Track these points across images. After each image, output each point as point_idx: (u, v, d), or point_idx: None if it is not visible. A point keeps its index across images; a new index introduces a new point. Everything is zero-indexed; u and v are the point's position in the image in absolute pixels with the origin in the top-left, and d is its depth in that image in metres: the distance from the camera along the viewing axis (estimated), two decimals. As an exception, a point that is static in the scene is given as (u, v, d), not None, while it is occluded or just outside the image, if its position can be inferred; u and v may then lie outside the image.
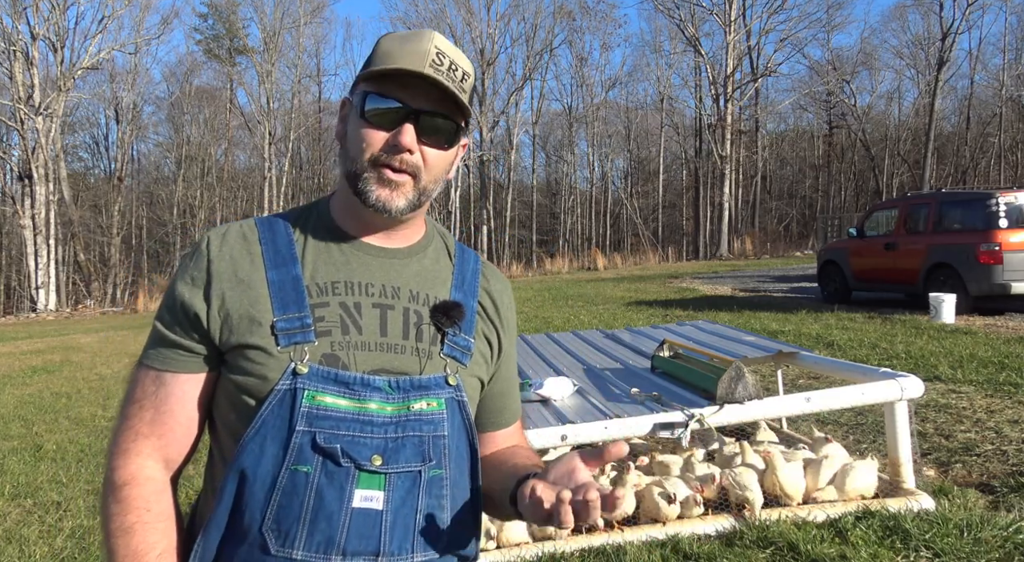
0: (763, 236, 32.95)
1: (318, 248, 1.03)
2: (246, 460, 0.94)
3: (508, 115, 38.09)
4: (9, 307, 31.65)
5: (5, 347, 13.35)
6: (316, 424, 0.93)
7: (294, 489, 0.93)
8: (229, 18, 38.73)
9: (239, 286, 0.98)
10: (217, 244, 1.01)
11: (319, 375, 0.95)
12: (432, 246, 1.12)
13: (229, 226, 1.04)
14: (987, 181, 33.89)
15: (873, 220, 12.03)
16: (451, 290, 1.09)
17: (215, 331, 0.97)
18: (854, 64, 37.82)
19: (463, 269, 1.12)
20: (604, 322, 10.55)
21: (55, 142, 28.05)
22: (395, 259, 1.06)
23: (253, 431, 0.94)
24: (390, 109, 0.98)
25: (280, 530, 0.93)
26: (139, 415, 0.99)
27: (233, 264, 0.99)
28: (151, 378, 1.00)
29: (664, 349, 4.10)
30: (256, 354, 0.95)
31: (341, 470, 0.94)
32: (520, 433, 1.23)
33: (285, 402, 0.94)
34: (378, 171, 0.99)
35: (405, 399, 0.98)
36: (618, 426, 3.18)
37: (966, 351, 7.03)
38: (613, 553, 3.08)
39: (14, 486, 4.72)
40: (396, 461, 0.96)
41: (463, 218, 37.36)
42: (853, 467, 3.43)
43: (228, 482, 0.94)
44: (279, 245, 1.02)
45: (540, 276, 26.54)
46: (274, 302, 0.97)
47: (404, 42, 0.99)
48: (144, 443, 0.99)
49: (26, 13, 27.13)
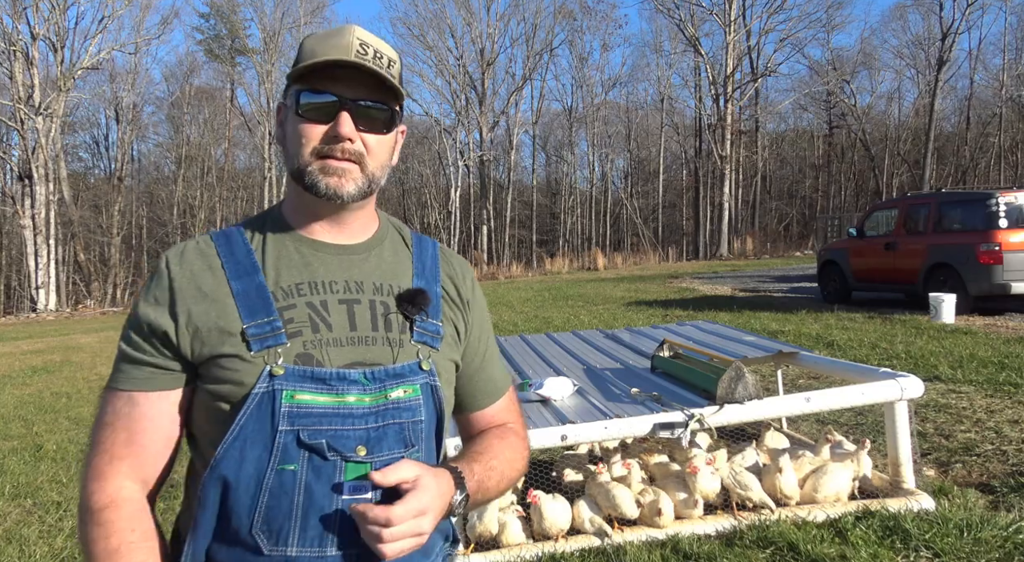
0: (763, 236, 32.95)
1: (277, 254, 1.04)
2: (227, 466, 0.94)
3: (508, 115, 38.12)
4: (9, 307, 31.65)
5: (5, 347, 13.34)
6: (298, 422, 0.95)
7: (282, 488, 0.94)
8: (231, 18, 38.74)
9: (203, 300, 0.99)
10: (176, 262, 1.02)
11: (295, 374, 0.96)
12: (388, 238, 1.14)
13: (186, 244, 1.06)
14: (987, 181, 33.88)
15: (873, 220, 12.03)
16: (413, 278, 1.11)
17: (185, 346, 0.98)
18: (854, 64, 37.84)
19: (422, 257, 1.14)
20: (604, 322, 10.55)
21: (55, 142, 28.04)
22: (354, 255, 1.08)
23: (232, 437, 0.94)
24: (325, 102, 1.00)
25: (271, 530, 0.94)
26: (112, 438, 0.99)
27: (194, 279, 1.00)
28: (123, 400, 0.99)
29: (664, 349, 4.10)
30: (230, 362, 0.97)
31: (328, 464, 0.95)
32: (510, 409, 1.24)
33: (264, 404, 0.95)
34: (322, 162, 1.01)
35: (382, 389, 1.00)
36: (618, 426, 3.18)
37: (966, 351, 7.03)
38: (613, 553, 3.08)
39: (14, 486, 4.72)
40: (380, 449, 0.98)
41: (463, 218, 37.33)
42: (828, 471, 3.42)
43: (210, 490, 0.95)
44: (238, 256, 1.03)
45: (540, 276, 26.54)
46: (241, 311, 0.98)
47: (326, 38, 1.01)
48: (120, 465, 0.98)
49: (26, 13, 27.13)
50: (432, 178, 41.10)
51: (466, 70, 36.41)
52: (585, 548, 3.14)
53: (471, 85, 36.59)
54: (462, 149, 36.10)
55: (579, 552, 3.12)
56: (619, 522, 3.26)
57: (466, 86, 36.36)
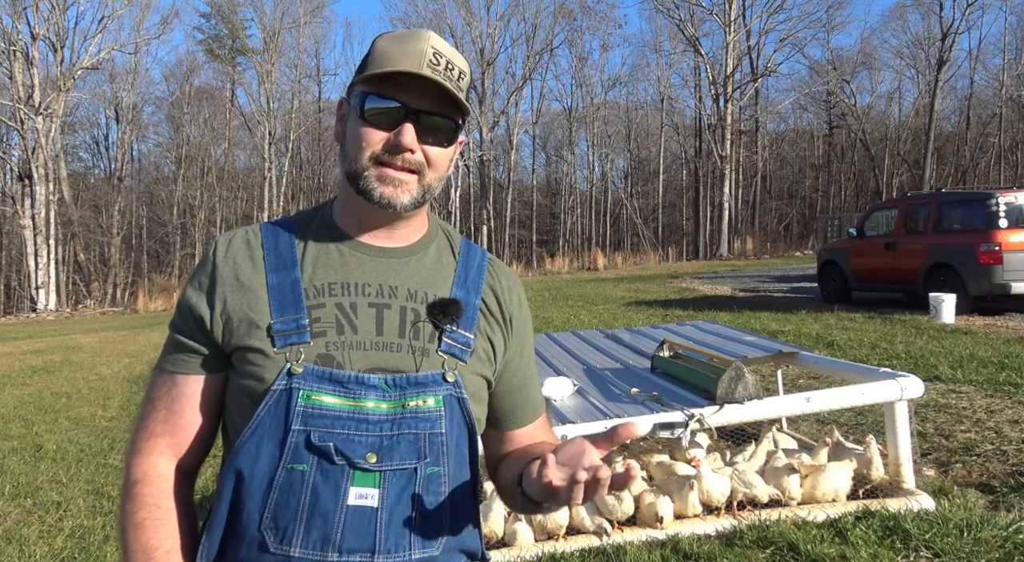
0: (763, 236, 32.95)
1: (318, 251, 1.04)
2: (243, 460, 0.96)
3: (508, 115, 38.10)
4: (9, 307, 31.66)
5: (5, 347, 13.35)
6: (311, 423, 0.94)
7: (291, 487, 0.94)
8: (231, 18, 38.74)
9: (240, 290, 1.01)
10: (223, 250, 1.04)
11: (314, 375, 0.96)
12: (435, 244, 1.11)
13: (236, 231, 1.07)
14: (987, 181, 33.86)
15: (873, 220, 12.03)
16: (452, 287, 1.08)
17: (218, 333, 1.00)
18: (854, 64, 37.85)
19: (467, 266, 1.12)
20: (604, 322, 10.55)
21: (55, 142, 28.04)
22: (393, 258, 1.06)
23: (250, 431, 0.95)
24: (390, 109, 0.99)
25: (278, 528, 0.94)
26: (152, 415, 1.03)
27: (235, 268, 1.02)
28: (164, 379, 1.03)
29: (664, 349, 4.10)
30: (254, 356, 0.98)
31: (335, 468, 0.94)
32: (545, 429, 1.21)
33: (281, 402, 0.95)
34: (380, 169, 1.00)
35: (402, 397, 0.98)
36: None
37: (966, 351, 7.03)
38: (613, 553, 3.08)
39: (14, 486, 4.72)
40: (391, 459, 0.96)
41: (463, 218, 37.34)
42: (827, 469, 3.42)
43: (226, 482, 0.96)
44: (281, 249, 1.04)
45: (540, 276, 26.54)
46: (272, 305, 0.99)
47: (401, 43, 0.99)
48: (157, 441, 1.02)
49: (26, 13, 27.14)
50: (432, 178, 41.02)
51: (466, 70, 36.38)
52: (585, 548, 3.14)
53: (471, 85, 36.58)
54: (462, 149, 36.08)
55: (579, 552, 3.12)
56: (619, 522, 3.26)
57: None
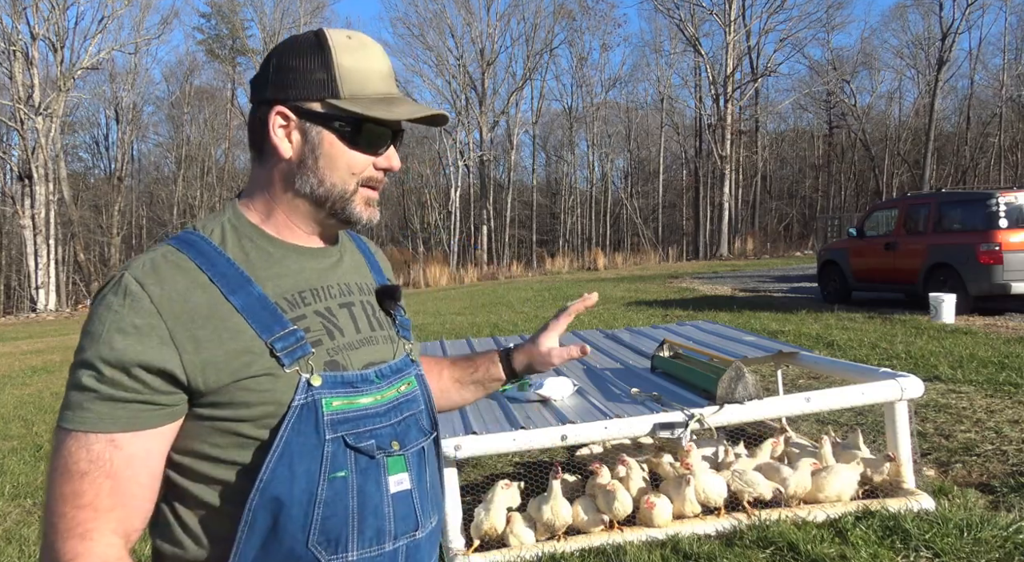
0: (763, 236, 32.95)
1: (263, 262, 0.99)
2: (277, 487, 0.90)
3: (508, 115, 38.08)
4: (9, 307, 31.66)
5: (5, 347, 13.34)
6: (340, 428, 0.95)
7: (335, 497, 0.93)
8: (231, 18, 38.74)
9: (208, 323, 0.90)
10: (153, 282, 0.89)
11: (330, 382, 0.96)
12: (344, 238, 1.15)
13: (151, 259, 0.93)
14: (987, 181, 33.86)
15: (873, 220, 12.02)
16: (371, 273, 1.13)
17: (196, 378, 0.89)
18: (854, 64, 37.82)
19: (366, 252, 1.17)
20: (604, 322, 10.54)
21: (55, 142, 28.03)
22: (331, 258, 1.08)
23: (276, 455, 0.90)
24: (382, 134, 1.01)
25: (329, 540, 0.93)
26: (94, 489, 0.86)
27: (185, 302, 0.90)
28: (102, 444, 0.86)
29: (664, 349, 4.10)
30: (261, 382, 0.91)
31: (373, 463, 0.97)
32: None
33: (305, 416, 0.92)
34: (366, 192, 1.02)
35: (392, 384, 1.03)
36: (618, 426, 3.18)
37: (966, 351, 7.03)
38: (613, 553, 3.08)
39: (14, 486, 4.72)
40: (408, 441, 1.02)
41: (463, 218, 37.33)
42: (833, 471, 3.41)
43: (260, 513, 0.90)
44: (221, 268, 0.94)
45: (540, 276, 26.54)
46: (255, 328, 0.92)
47: (365, 59, 0.99)
48: (107, 519, 0.87)
49: (26, 13, 27.13)
50: (432, 178, 41.06)
51: (466, 70, 36.42)
52: (585, 548, 3.14)
53: (471, 85, 36.59)
54: (462, 149, 36.10)
55: (579, 552, 3.12)
56: (619, 522, 3.26)
57: (466, 86, 36.36)
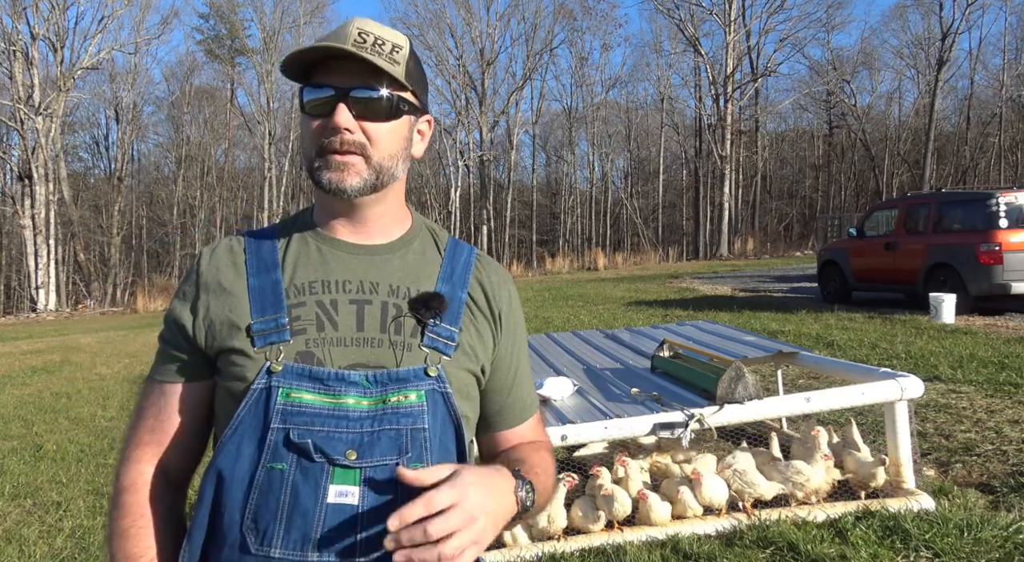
0: (763, 236, 32.95)
1: (299, 251, 1.06)
2: (223, 461, 0.96)
3: (508, 115, 38.07)
4: (9, 307, 31.66)
5: (5, 347, 13.35)
6: (290, 420, 0.94)
7: (270, 487, 0.94)
8: (230, 18, 38.74)
9: (222, 294, 1.02)
10: (207, 258, 1.06)
11: (293, 372, 0.96)
12: (418, 240, 1.11)
13: (220, 240, 1.10)
14: (987, 181, 33.86)
15: (873, 220, 12.02)
16: (438, 282, 1.07)
17: (200, 338, 1.02)
18: (854, 64, 37.80)
19: (453, 261, 1.11)
20: (604, 322, 10.54)
21: (55, 142, 28.04)
22: (375, 255, 1.06)
23: (231, 431, 0.96)
24: (324, 96, 0.99)
25: (258, 528, 0.94)
26: (140, 425, 1.05)
27: (218, 275, 1.04)
28: (152, 390, 1.05)
29: (664, 349, 4.10)
30: (236, 357, 0.99)
31: (315, 465, 0.93)
32: (537, 430, 1.19)
33: (260, 401, 0.96)
34: (325, 158, 1.00)
35: (383, 393, 0.97)
36: (618, 426, 3.18)
37: (966, 351, 7.03)
38: (613, 553, 3.08)
39: (14, 486, 4.72)
40: (371, 455, 0.95)
41: (463, 218, 37.33)
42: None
43: (207, 484, 0.97)
44: (263, 253, 1.06)
45: (540, 276, 26.54)
46: (252, 306, 1.00)
47: (330, 33, 1.01)
48: (144, 450, 1.04)
49: (26, 13, 27.14)
50: (432, 178, 41.07)
51: (466, 70, 36.42)
52: (585, 548, 3.14)
53: (471, 85, 36.59)
54: (462, 149, 36.11)
55: (579, 552, 3.12)
56: (619, 522, 3.26)
57: (466, 86, 36.36)
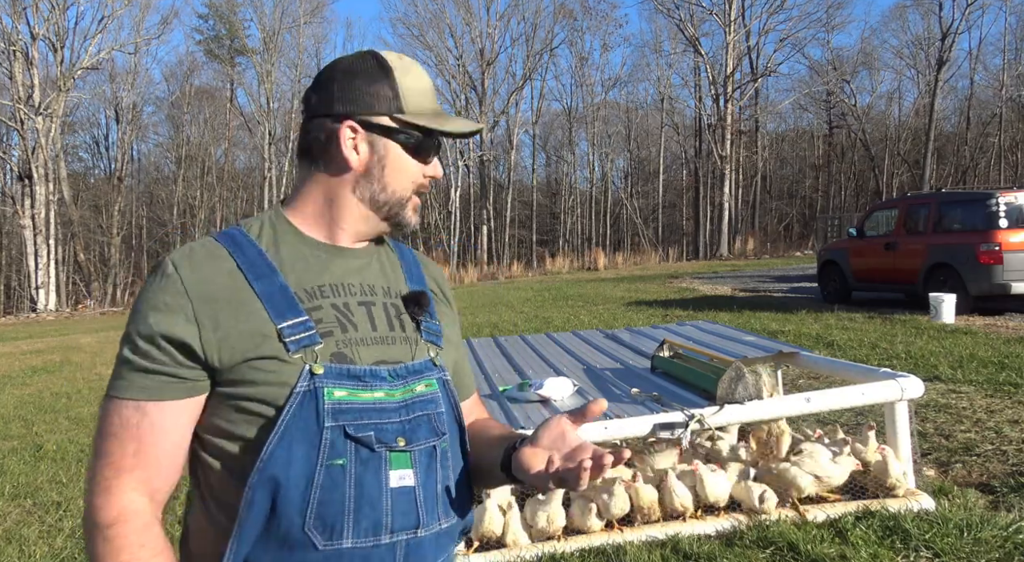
0: (763, 236, 32.95)
1: (292, 257, 1.06)
2: (275, 466, 0.94)
3: (508, 115, 38.10)
4: (9, 307, 31.66)
5: (5, 347, 13.35)
6: (341, 418, 0.97)
7: (333, 483, 0.96)
8: (230, 18, 38.73)
9: (229, 304, 0.98)
10: (186, 267, 0.99)
11: (334, 373, 0.99)
12: (383, 245, 1.20)
13: (191, 247, 1.03)
14: (987, 181, 33.85)
15: (873, 220, 12.02)
16: (406, 282, 1.17)
17: (212, 354, 0.96)
18: (854, 64, 37.80)
19: (407, 262, 1.21)
20: (604, 322, 10.55)
21: (55, 142, 28.04)
22: (360, 259, 1.12)
23: (276, 437, 0.94)
24: (433, 145, 1.12)
25: (325, 526, 0.96)
26: (119, 449, 0.96)
27: (212, 284, 0.98)
28: (130, 410, 0.96)
29: (664, 349, 4.10)
30: (268, 363, 0.97)
31: (374, 455, 0.99)
32: (479, 406, 1.31)
33: (307, 403, 0.96)
34: (416, 199, 1.13)
35: (407, 384, 1.05)
36: (618, 426, 3.18)
37: (966, 351, 7.03)
38: (613, 553, 3.08)
39: (14, 486, 4.72)
40: (416, 439, 1.03)
41: (463, 218, 37.33)
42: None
43: (258, 491, 0.94)
44: (250, 257, 1.03)
45: (540, 276, 26.55)
46: (270, 312, 0.99)
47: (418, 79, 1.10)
48: (128, 477, 0.96)
49: (26, 13, 27.15)
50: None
51: (466, 70, 36.42)
52: (585, 548, 3.14)
53: (471, 85, 36.59)
54: (462, 149, 36.10)
55: (579, 552, 3.12)
56: (619, 522, 3.26)
57: (466, 86, 36.37)
